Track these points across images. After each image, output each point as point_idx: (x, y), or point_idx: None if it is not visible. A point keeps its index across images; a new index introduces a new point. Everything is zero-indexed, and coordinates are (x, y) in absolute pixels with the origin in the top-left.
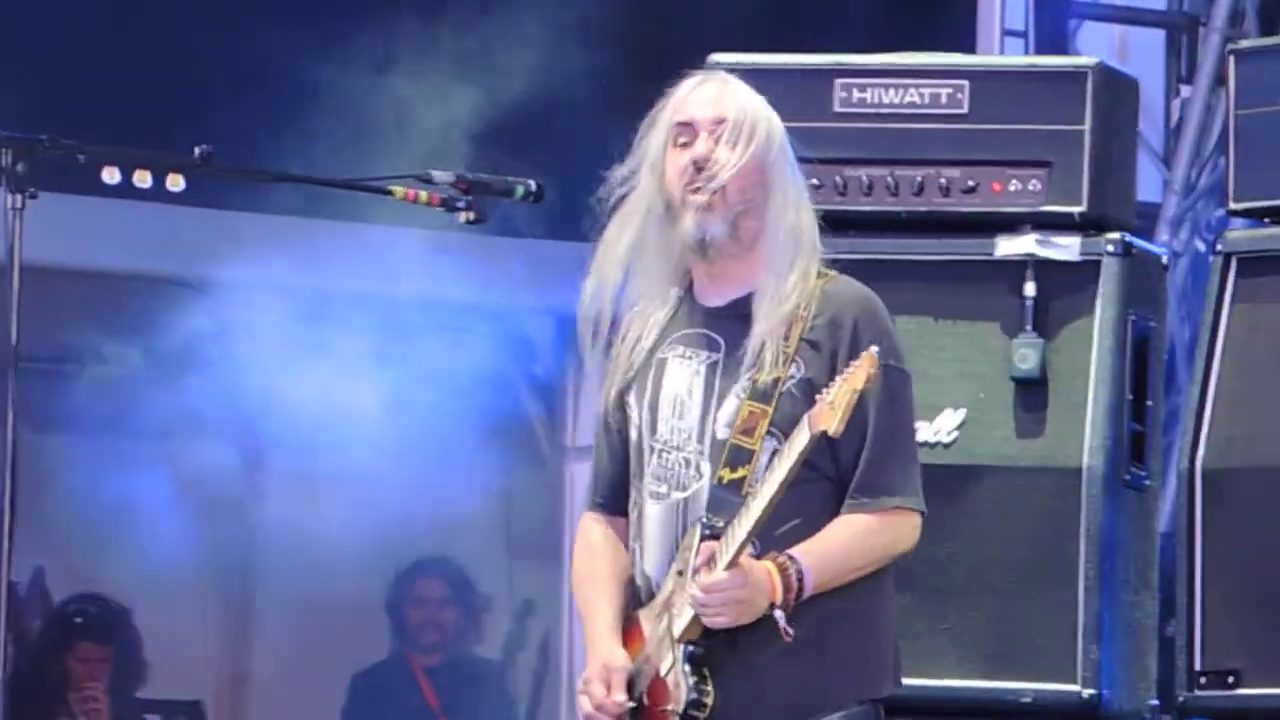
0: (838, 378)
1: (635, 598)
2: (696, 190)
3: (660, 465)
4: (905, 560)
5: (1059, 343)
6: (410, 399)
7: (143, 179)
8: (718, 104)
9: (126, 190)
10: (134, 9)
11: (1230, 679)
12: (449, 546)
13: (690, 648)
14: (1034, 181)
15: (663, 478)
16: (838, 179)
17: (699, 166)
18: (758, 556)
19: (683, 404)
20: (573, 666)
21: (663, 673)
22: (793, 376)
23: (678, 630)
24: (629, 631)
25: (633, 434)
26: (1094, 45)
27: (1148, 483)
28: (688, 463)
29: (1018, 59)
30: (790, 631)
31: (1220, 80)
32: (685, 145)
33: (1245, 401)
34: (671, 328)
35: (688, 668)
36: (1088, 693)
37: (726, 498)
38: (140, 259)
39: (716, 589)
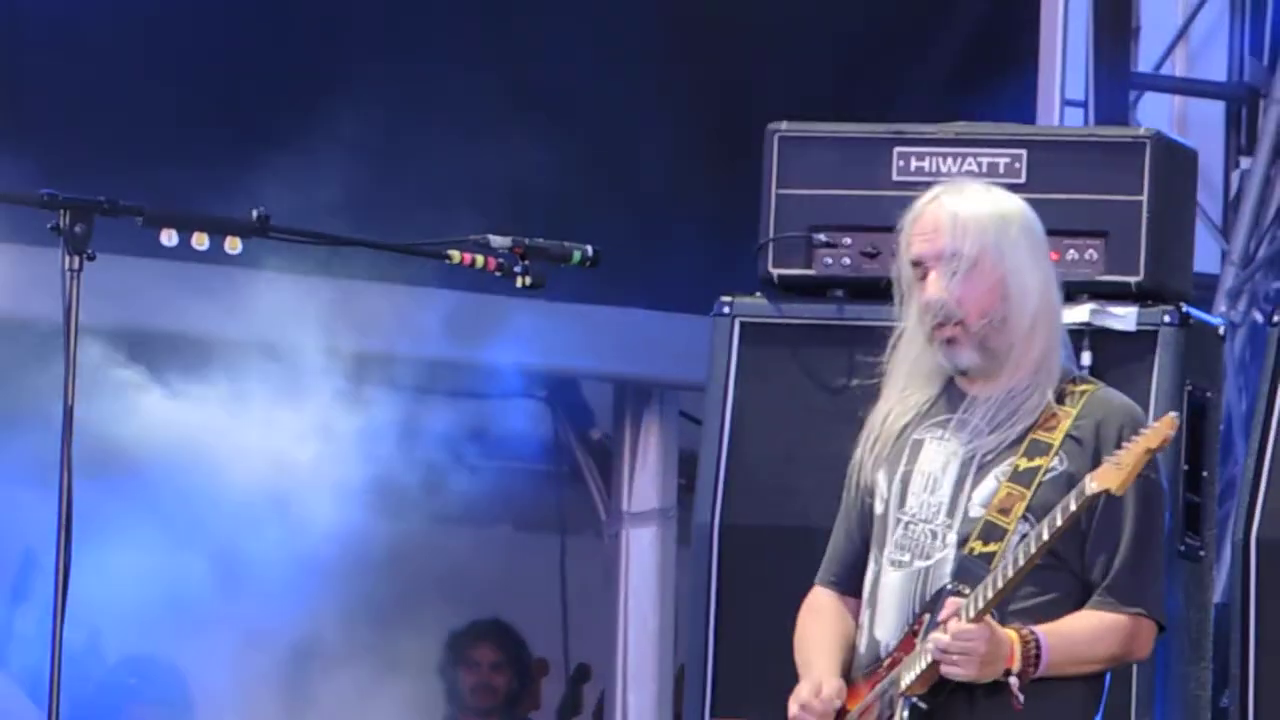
0: (1125, 443)
1: (857, 665)
2: (939, 327)
3: (905, 536)
4: None
5: None
6: (465, 462)
7: (200, 241)
8: (936, 237)
9: (184, 252)
10: (189, 70)
11: None
12: (503, 610)
13: (914, 700)
14: (1091, 251)
15: (906, 547)
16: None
17: (934, 308)
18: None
19: (935, 480)
20: None
21: None
22: (1054, 469)
23: (905, 683)
24: (849, 689)
25: (878, 507)
26: (1154, 116)
27: (1203, 554)
28: (934, 535)
29: (1076, 129)
30: (1022, 700)
31: (1279, 152)
32: (921, 280)
33: None
34: (932, 411)
35: (906, 714)
36: None
37: (974, 569)
38: (195, 320)
39: (963, 637)
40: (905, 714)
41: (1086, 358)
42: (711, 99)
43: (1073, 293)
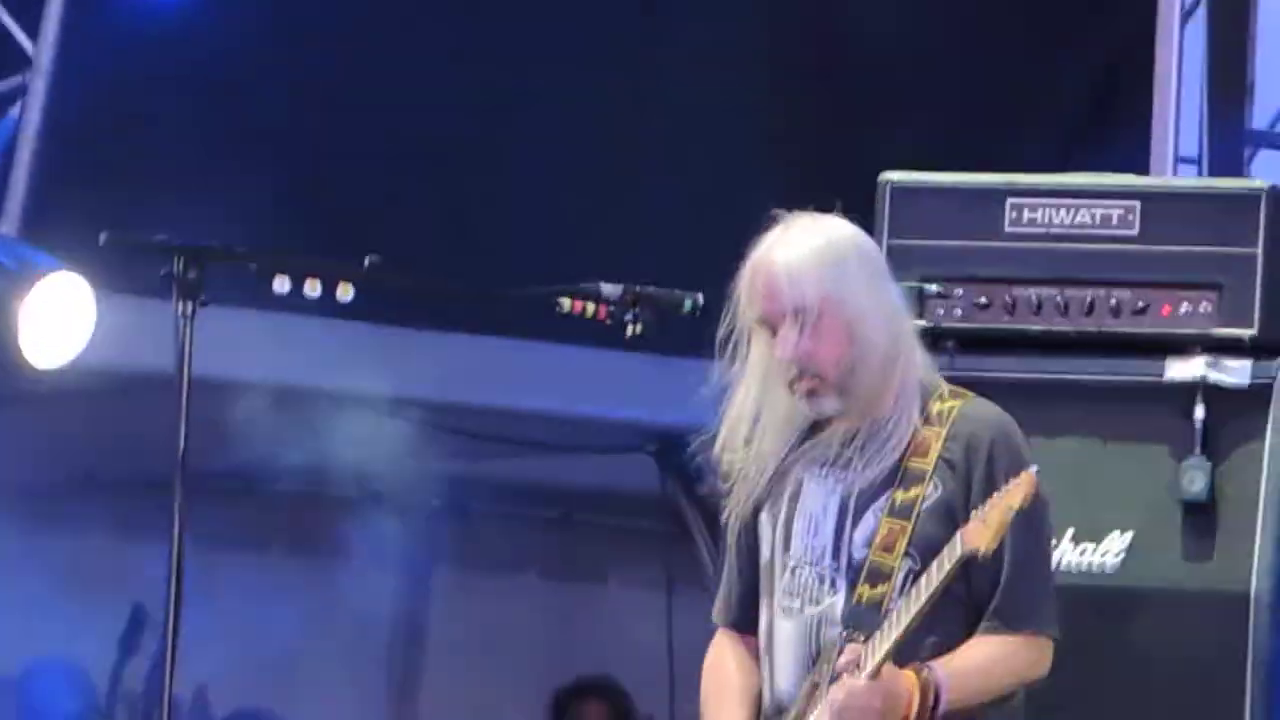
0: (993, 496)
1: (764, 715)
2: (798, 380)
3: (792, 581)
4: (1070, 684)
5: (1228, 467)
6: (575, 517)
7: (313, 288)
8: (776, 296)
9: (295, 301)
10: (298, 119)
11: None
12: (610, 667)
13: None
14: (1205, 304)
15: (795, 593)
16: (1007, 298)
17: (789, 366)
18: (898, 665)
19: (817, 521)
20: None
21: None
22: (930, 496)
23: None
24: None
25: (764, 552)
26: (1268, 173)
27: None
28: (821, 579)
29: (1190, 180)
30: None
31: None
32: (772, 335)
33: None
34: (805, 449)
35: None
36: None
37: (866, 616)
38: (309, 374)
39: (857, 695)
40: None
41: (1200, 411)
42: (825, 151)
43: (1186, 345)
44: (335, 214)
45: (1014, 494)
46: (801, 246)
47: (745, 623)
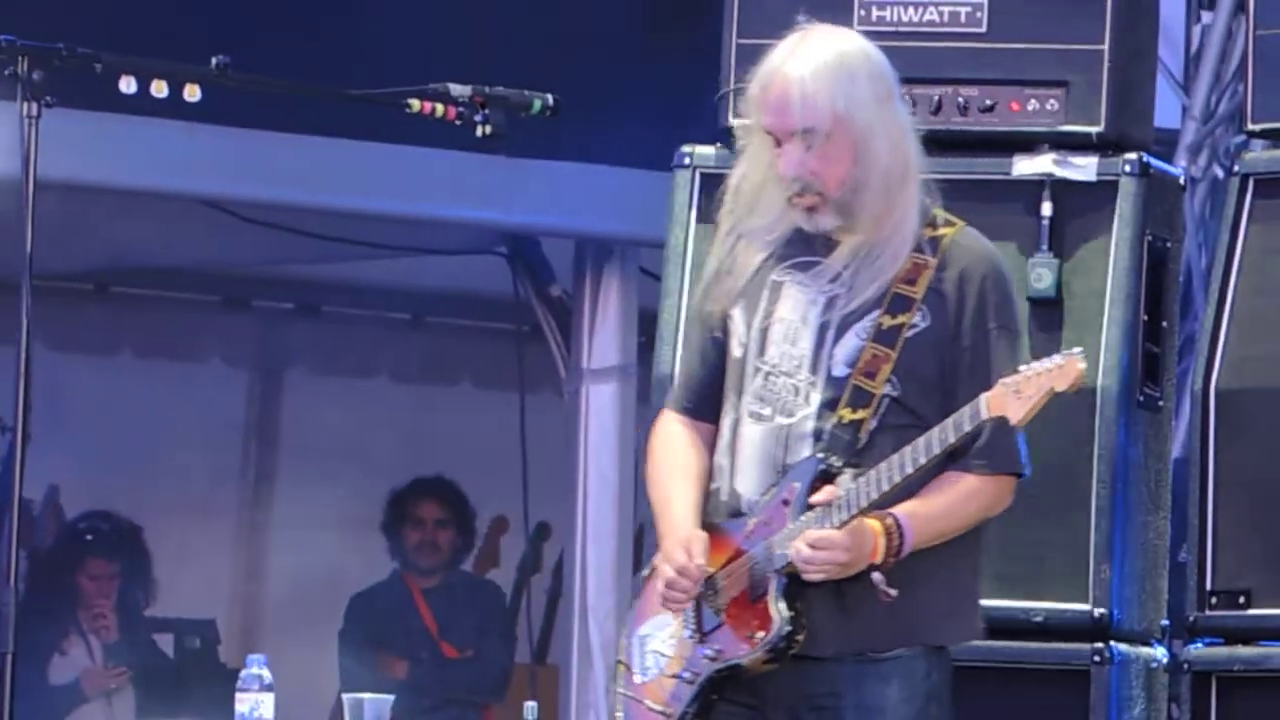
0: (1030, 368)
1: (715, 508)
2: (799, 195)
3: (765, 388)
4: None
5: (1075, 263)
6: (427, 319)
7: (159, 89)
8: (786, 112)
9: (143, 102)
10: None
11: (1241, 599)
12: (463, 467)
13: (786, 581)
14: (1052, 101)
15: (767, 400)
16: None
17: (791, 181)
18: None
19: (796, 331)
20: (585, 589)
21: (752, 598)
22: (916, 325)
23: (779, 562)
24: (710, 538)
25: (735, 350)
26: None
27: (1161, 404)
28: (796, 390)
29: None
30: (891, 594)
31: (1241, 6)
32: (777, 147)
33: (1261, 322)
34: (789, 251)
35: (783, 604)
36: (1099, 612)
37: (843, 437)
38: (158, 177)
39: (824, 546)
40: (779, 594)
41: (1047, 208)
42: None
43: (1033, 142)
44: (181, 14)
45: (1059, 377)
46: (815, 62)
47: (703, 410)
